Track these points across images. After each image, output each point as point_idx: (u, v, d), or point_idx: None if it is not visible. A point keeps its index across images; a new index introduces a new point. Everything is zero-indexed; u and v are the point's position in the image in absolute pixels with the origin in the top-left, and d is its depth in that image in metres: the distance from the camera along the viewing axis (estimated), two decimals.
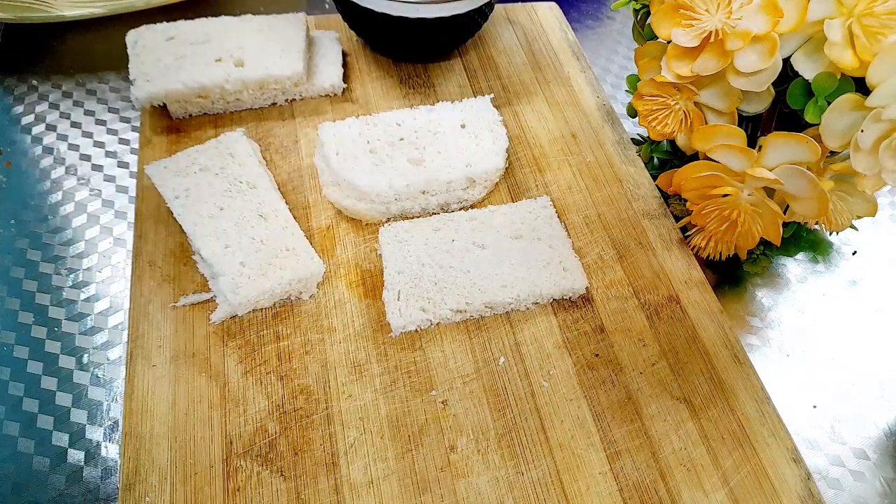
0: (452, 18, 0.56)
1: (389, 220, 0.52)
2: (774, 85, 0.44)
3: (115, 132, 0.61)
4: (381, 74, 0.62)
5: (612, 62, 0.74)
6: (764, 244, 0.54)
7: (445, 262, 0.48)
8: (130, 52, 0.56)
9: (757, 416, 0.43)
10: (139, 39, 0.57)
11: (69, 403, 0.45)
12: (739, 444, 0.42)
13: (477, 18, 0.59)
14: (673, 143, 0.57)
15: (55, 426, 0.44)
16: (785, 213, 0.47)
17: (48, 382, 0.46)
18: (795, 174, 0.43)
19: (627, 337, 0.47)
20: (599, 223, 0.53)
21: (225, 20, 0.59)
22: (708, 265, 0.55)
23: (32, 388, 0.46)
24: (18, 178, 0.57)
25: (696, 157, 0.49)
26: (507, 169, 0.56)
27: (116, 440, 0.44)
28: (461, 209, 0.53)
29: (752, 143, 0.47)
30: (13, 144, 0.59)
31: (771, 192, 0.46)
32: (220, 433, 0.41)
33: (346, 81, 0.60)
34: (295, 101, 0.59)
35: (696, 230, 0.50)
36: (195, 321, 0.45)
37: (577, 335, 0.46)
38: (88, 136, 0.60)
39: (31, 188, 0.56)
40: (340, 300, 0.47)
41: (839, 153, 0.45)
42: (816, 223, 0.50)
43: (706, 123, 0.48)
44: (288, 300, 0.47)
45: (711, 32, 0.43)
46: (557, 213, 0.53)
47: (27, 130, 0.60)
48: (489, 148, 0.54)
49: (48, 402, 0.45)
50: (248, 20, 0.59)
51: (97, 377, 0.47)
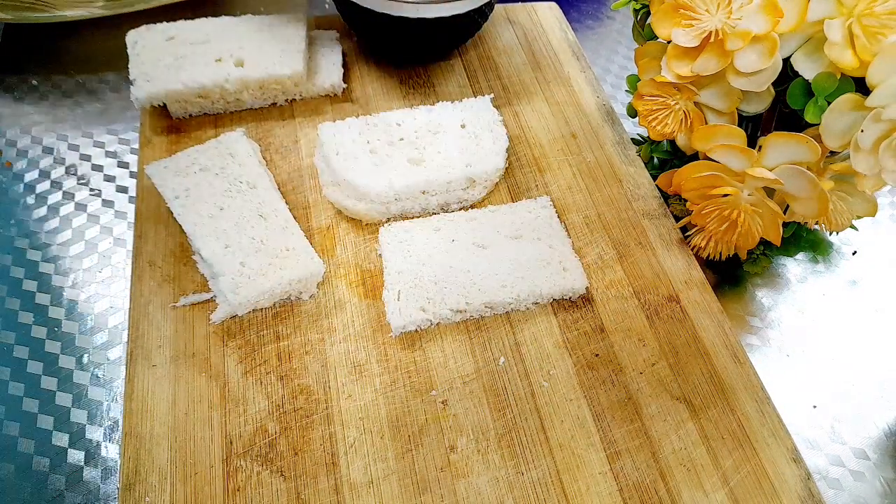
0: (452, 18, 0.56)
1: (389, 220, 0.52)
2: (774, 85, 0.44)
3: (115, 132, 0.61)
4: (381, 74, 0.62)
5: (612, 62, 0.74)
6: (764, 244, 0.54)
7: (445, 261, 0.48)
8: (130, 52, 0.56)
9: (757, 416, 0.43)
10: (139, 39, 0.57)
11: (69, 403, 0.45)
12: (739, 444, 0.42)
13: (477, 18, 0.59)
14: (673, 143, 0.57)
15: (55, 426, 0.44)
16: (785, 213, 0.47)
17: (48, 382, 0.46)
18: (795, 174, 0.43)
19: (627, 337, 0.47)
20: (599, 223, 0.53)
21: (225, 20, 0.59)
22: (708, 265, 0.55)
23: (32, 388, 0.46)
24: (18, 177, 0.57)
25: (696, 157, 0.49)
26: (507, 169, 0.56)
27: (116, 440, 0.44)
28: (461, 209, 0.53)
29: (752, 143, 0.47)
30: (13, 144, 0.59)
31: (771, 192, 0.46)
32: (220, 433, 0.41)
33: (346, 81, 0.60)
34: (295, 101, 0.59)
35: (696, 230, 0.50)
36: (195, 321, 0.45)
37: (577, 335, 0.46)
38: (88, 135, 0.60)
39: (30, 188, 0.56)
40: (340, 300, 0.47)
41: (839, 153, 0.45)
42: (816, 223, 0.50)
43: (706, 123, 0.48)
44: (288, 300, 0.47)
45: (711, 32, 0.43)
46: (557, 213, 0.53)
47: (27, 130, 0.60)
48: (489, 148, 0.54)
49: (48, 402, 0.45)
50: (248, 20, 0.59)
51: (97, 377, 0.47)
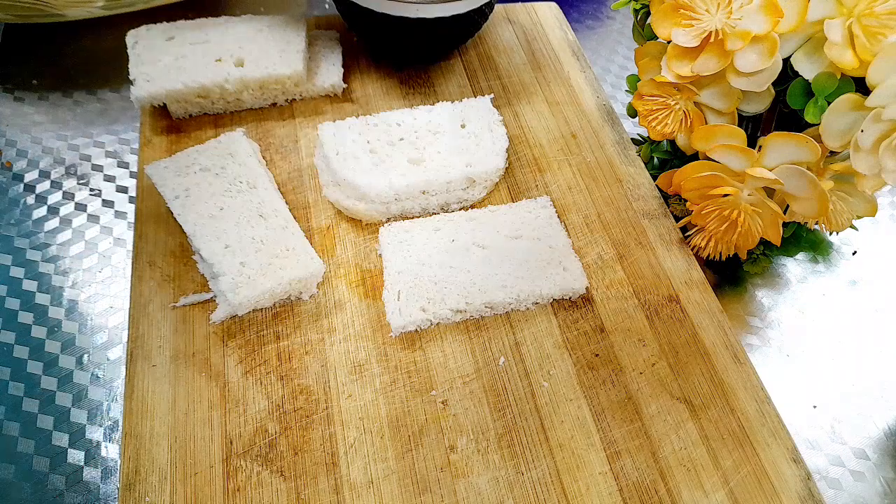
0: (452, 19, 0.56)
1: (389, 220, 0.52)
2: (774, 85, 0.44)
3: (115, 132, 0.61)
4: (381, 74, 0.62)
5: (612, 62, 0.74)
6: (764, 244, 0.54)
7: (445, 261, 0.48)
8: (130, 52, 0.56)
9: (757, 416, 0.43)
10: (139, 39, 0.57)
11: (69, 403, 0.45)
12: (739, 444, 0.42)
13: (477, 18, 0.59)
14: (673, 143, 0.57)
15: (55, 426, 0.44)
16: (785, 213, 0.47)
17: (48, 382, 0.46)
18: (795, 174, 0.43)
19: (627, 337, 0.47)
20: (599, 223, 0.53)
21: (225, 20, 0.59)
22: (708, 265, 0.55)
23: (32, 388, 0.46)
24: (18, 177, 0.57)
25: (696, 157, 0.49)
26: (507, 169, 0.56)
27: (116, 440, 0.44)
28: (461, 209, 0.53)
29: (752, 143, 0.47)
30: (13, 144, 0.59)
31: (771, 192, 0.46)
32: (220, 433, 0.41)
33: (346, 81, 0.60)
34: (295, 101, 0.59)
35: (696, 230, 0.50)
36: (195, 321, 0.45)
37: (577, 335, 0.46)
38: (88, 135, 0.60)
39: (30, 188, 0.56)
40: (340, 300, 0.47)
41: (839, 153, 0.45)
42: (816, 223, 0.50)
43: (706, 123, 0.48)
44: (288, 300, 0.47)
45: (711, 32, 0.43)
46: (557, 213, 0.53)
47: (27, 130, 0.60)
48: (489, 148, 0.54)
49: (48, 402, 0.45)
50: (248, 20, 0.59)
51: (97, 377, 0.47)
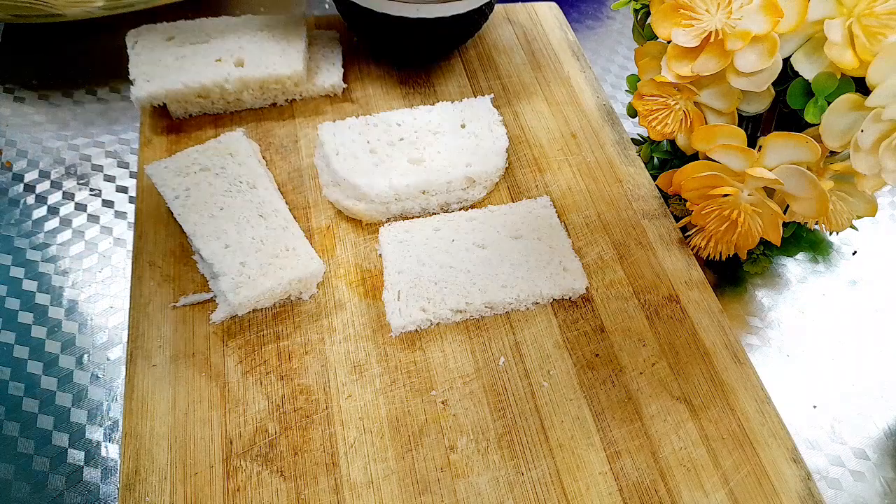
0: (452, 19, 0.56)
1: (389, 220, 0.52)
2: (774, 85, 0.44)
3: (115, 132, 0.61)
4: (381, 74, 0.62)
5: (612, 62, 0.74)
6: (764, 244, 0.54)
7: (445, 262, 0.48)
8: (130, 52, 0.56)
9: (757, 416, 0.43)
10: (139, 39, 0.57)
11: (69, 403, 0.45)
12: (739, 444, 0.42)
13: (477, 19, 0.59)
14: (673, 143, 0.57)
15: (55, 426, 0.44)
16: (785, 213, 0.47)
17: (48, 382, 0.46)
18: (795, 174, 0.43)
19: (627, 337, 0.47)
20: (599, 223, 0.53)
21: (225, 20, 0.59)
22: (708, 265, 0.55)
23: (32, 388, 0.46)
24: (18, 177, 0.57)
25: (696, 157, 0.49)
26: (507, 169, 0.56)
27: (116, 440, 0.44)
28: (461, 209, 0.53)
29: (752, 143, 0.47)
30: (13, 144, 0.59)
31: (771, 192, 0.46)
32: (220, 433, 0.41)
33: (346, 81, 0.60)
34: (295, 101, 0.59)
35: (696, 230, 0.50)
36: (195, 321, 0.45)
37: (577, 335, 0.46)
38: (88, 135, 0.60)
39: (30, 188, 0.56)
40: (340, 300, 0.47)
41: (839, 153, 0.44)
42: (816, 223, 0.50)
43: (706, 123, 0.48)
44: (288, 300, 0.47)
45: (711, 32, 0.43)
46: (557, 213, 0.53)
47: (27, 130, 0.60)
48: (489, 148, 0.54)
49: (48, 402, 0.45)
50: (248, 20, 0.59)
51: (97, 377, 0.47)
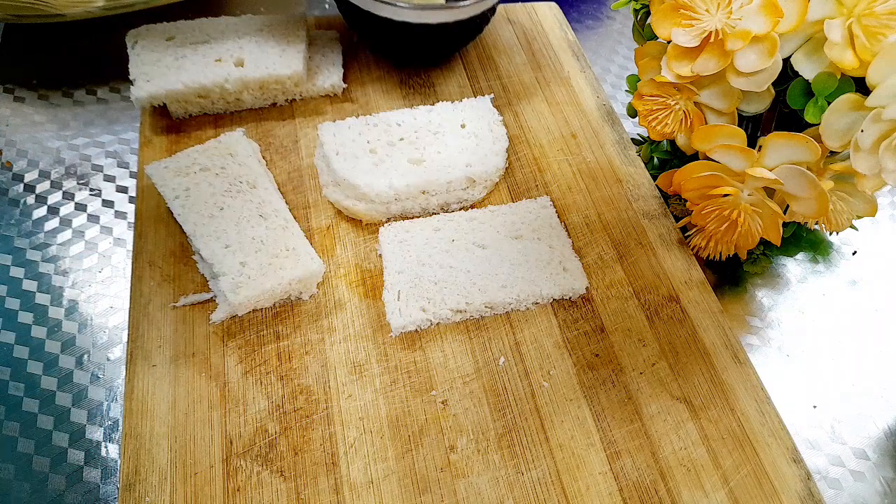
0: (455, 24, 0.56)
1: (389, 220, 0.52)
2: (774, 85, 0.44)
3: (115, 132, 0.61)
4: (381, 74, 0.62)
5: (612, 62, 0.74)
6: (764, 244, 0.54)
7: (445, 262, 0.48)
8: (130, 52, 0.56)
9: (757, 416, 0.43)
10: (139, 39, 0.57)
11: (69, 403, 0.45)
12: (739, 444, 0.42)
13: (479, 23, 0.59)
14: (673, 143, 0.57)
15: (55, 426, 0.44)
16: (785, 213, 0.47)
17: (48, 382, 0.46)
18: (795, 174, 0.43)
19: (627, 337, 0.47)
20: (599, 223, 0.53)
21: (225, 20, 0.59)
22: (708, 265, 0.55)
23: (32, 388, 0.46)
24: (18, 177, 0.57)
25: (696, 157, 0.49)
26: (507, 169, 0.56)
27: (116, 440, 0.44)
28: (461, 209, 0.53)
29: (752, 143, 0.47)
30: (13, 144, 0.59)
31: (771, 192, 0.46)
32: (220, 433, 0.41)
33: (346, 81, 0.60)
34: (295, 101, 0.59)
35: (696, 230, 0.50)
36: (195, 321, 0.45)
37: (577, 335, 0.46)
38: (88, 135, 0.60)
39: (30, 188, 0.56)
40: (340, 300, 0.47)
41: (839, 153, 0.44)
42: (816, 223, 0.50)
43: (706, 123, 0.48)
44: (288, 300, 0.47)
45: (711, 32, 0.43)
46: (557, 213, 0.53)
47: (27, 130, 0.60)
48: (489, 148, 0.54)
49: (48, 402, 0.45)
50: (248, 20, 0.59)
51: (97, 377, 0.47)
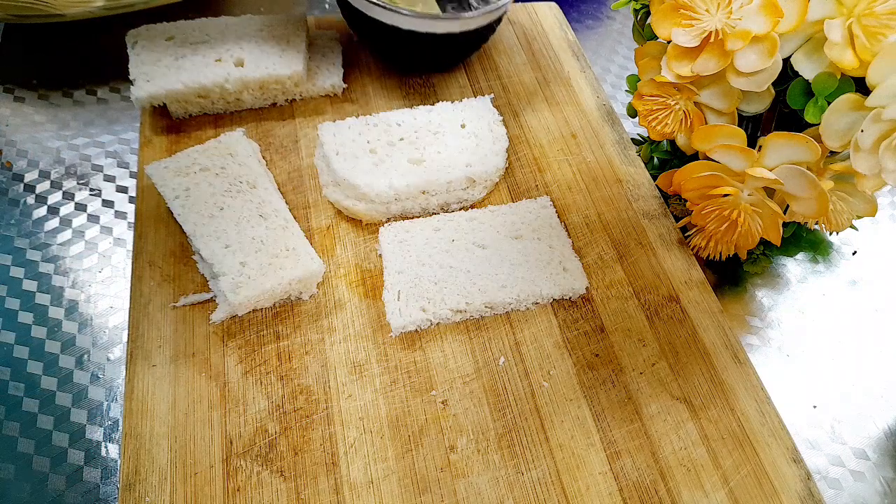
0: (461, 34, 0.56)
1: (389, 220, 0.52)
2: (774, 85, 0.44)
3: (115, 132, 0.61)
4: (381, 74, 0.62)
5: (612, 62, 0.74)
6: (764, 244, 0.54)
7: (445, 262, 0.48)
8: (130, 52, 0.56)
9: (757, 416, 0.43)
10: (139, 39, 0.57)
11: (69, 403, 0.45)
12: (739, 444, 0.42)
13: (485, 33, 0.59)
14: (673, 143, 0.57)
15: (55, 426, 0.44)
16: (785, 213, 0.47)
17: (48, 382, 0.46)
18: (795, 174, 0.43)
19: (627, 337, 0.47)
20: (599, 223, 0.53)
21: (225, 20, 0.59)
22: (708, 265, 0.55)
23: (32, 388, 0.46)
24: (18, 177, 0.57)
25: (696, 157, 0.49)
26: (507, 169, 0.56)
27: (116, 440, 0.44)
28: (461, 209, 0.53)
29: (752, 143, 0.47)
30: (13, 144, 0.59)
31: (771, 192, 0.46)
32: (220, 433, 0.41)
33: (346, 81, 0.60)
34: (295, 101, 0.59)
35: (696, 230, 0.50)
36: (195, 321, 0.45)
37: (577, 335, 0.46)
38: (88, 135, 0.60)
39: (30, 188, 0.56)
40: (340, 300, 0.47)
41: (839, 153, 0.44)
42: (816, 223, 0.50)
43: (706, 123, 0.48)
44: (288, 300, 0.47)
45: (711, 32, 0.43)
46: (557, 213, 0.53)
47: (27, 130, 0.60)
48: (489, 148, 0.54)
49: (48, 402, 0.45)
50: (248, 20, 0.59)
51: (97, 377, 0.47)
